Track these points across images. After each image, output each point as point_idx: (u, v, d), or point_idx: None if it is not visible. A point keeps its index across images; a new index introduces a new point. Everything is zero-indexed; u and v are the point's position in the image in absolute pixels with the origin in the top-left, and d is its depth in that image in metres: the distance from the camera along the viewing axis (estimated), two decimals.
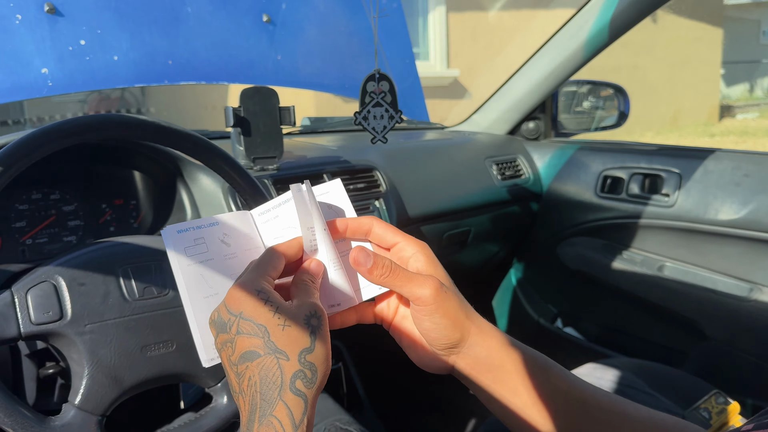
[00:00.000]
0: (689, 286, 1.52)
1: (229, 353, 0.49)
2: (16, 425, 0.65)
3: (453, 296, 0.54)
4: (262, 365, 0.46)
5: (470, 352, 0.54)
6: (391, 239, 0.56)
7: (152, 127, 0.81)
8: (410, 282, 0.53)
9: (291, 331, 0.47)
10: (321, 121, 1.96)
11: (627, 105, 1.87)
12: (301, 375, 0.46)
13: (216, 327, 0.50)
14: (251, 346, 0.47)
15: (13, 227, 1.01)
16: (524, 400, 0.54)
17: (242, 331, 0.48)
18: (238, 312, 0.48)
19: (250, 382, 0.47)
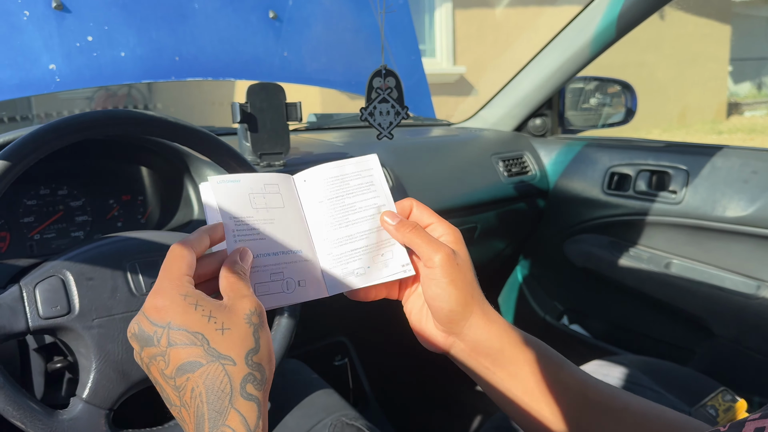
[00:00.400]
0: (696, 283, 1.51)
1: (162, 367, 0.45)
2: (25, 419, 0.66)
3: (464, 271, 0.55)
4: (207, 374, 0.43)
5: (470, 333, 0.55)
6: (426, 219, 0.59)
7: (160, 123, 0.81)
8: (428, 243, 0.55)
9: (232, 334, 0.45)
10: (327, 117, 1.96)
11: (634, 102, 1.87)
12: (250, 378, 0.44)
13: (138, 341, 0.47)
14: (190, 356, 0.44)
15: (21, 222, 1.02)
16: (523, 387, 0.54)
17: (175, 342, 0.44)
18: (165, 323, 0.45)
19: (193, 393, 0.44)
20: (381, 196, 0.61)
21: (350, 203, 0.60)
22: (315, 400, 1.01)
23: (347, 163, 0.62)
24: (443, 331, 0.57)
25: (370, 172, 0.62)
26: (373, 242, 0.59)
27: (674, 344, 1.66)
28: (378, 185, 0.61)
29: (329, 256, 0.59)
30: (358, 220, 0.60)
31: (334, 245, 0.59)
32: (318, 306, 1.31)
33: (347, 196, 0.60)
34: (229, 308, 0.47)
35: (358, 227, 0.60)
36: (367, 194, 0.61)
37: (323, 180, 0.60)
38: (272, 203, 0.57)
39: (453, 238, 0.57)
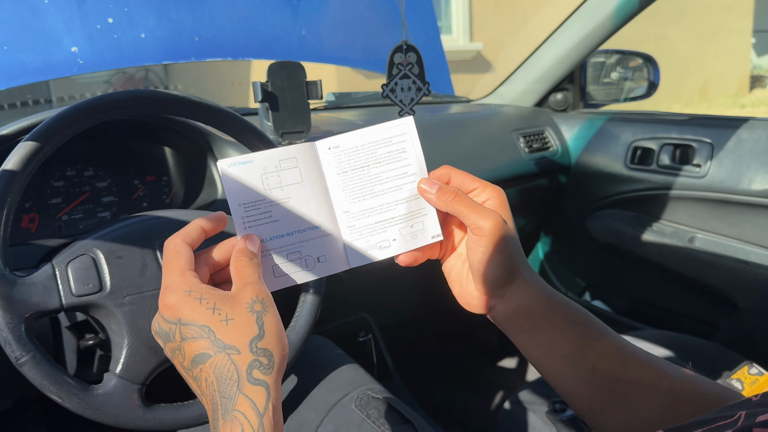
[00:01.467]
0: (721, 257, 1.50)
1: (181, 360, 0.48)
2: (61, 393, 0.67)
3: (511, 237, 0.54)
4: (215, 364, 0.46)
5: (513, 297, 0.55)
6: (469, 185, 0.56)
7: (184, 102, 0.81)
8: (474, 211, 0.53)
9: (235, 324, 0.47)
10: (346, 96, 1.95)
11: (657, 75, 1.84)
12: (256, 364, 0.46)
13: (161, 337, 0.50)
14: (199, 348, 0.47)
15: (50, 204, 1.03)
16: (562, 351, 0.54)
17: (186, 337, 0.47)
18: (176, 319, 0.48)
19: (207, 382, 0.46)
20: (413, 164, 0.58)
21: (377, 173, 0.57)
22: (341, 375, 1.03)
23: (379, 129, 0.58)
24: (485, 294, 0.56)
25: (403, 138, 0.58)
26: (401, 213, 0.58)
27: (698, 319, 1.65)
28: (411, 152, 0.58)
29: (351, 229, 0.57)
30: (386, 190, 0.57)
31: (356, 217, 0.57)
32: (340, 283, 1.33)
33: (374, 165, 0.57)
34: (233, 298, 0.48)
35: (385, 198, 0.58)
36: (397, 163, 0.58)
37: (349, 149, 0.57)
38: (288, 180, 0.55)
39: (499, 202, 0.55)
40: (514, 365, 1.96)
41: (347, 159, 0.57)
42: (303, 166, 0.56)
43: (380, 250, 0.58)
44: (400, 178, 0.58)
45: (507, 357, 1.98)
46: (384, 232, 0.58)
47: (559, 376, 0.55)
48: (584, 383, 0.54)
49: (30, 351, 0.66)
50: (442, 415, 1.73)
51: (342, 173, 0.57)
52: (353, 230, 0.58)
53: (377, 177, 0.57)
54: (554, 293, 0.56)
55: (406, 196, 0.58)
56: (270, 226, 0.54)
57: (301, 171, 0.56)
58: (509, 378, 1.92)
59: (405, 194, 0.58)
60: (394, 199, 0.58)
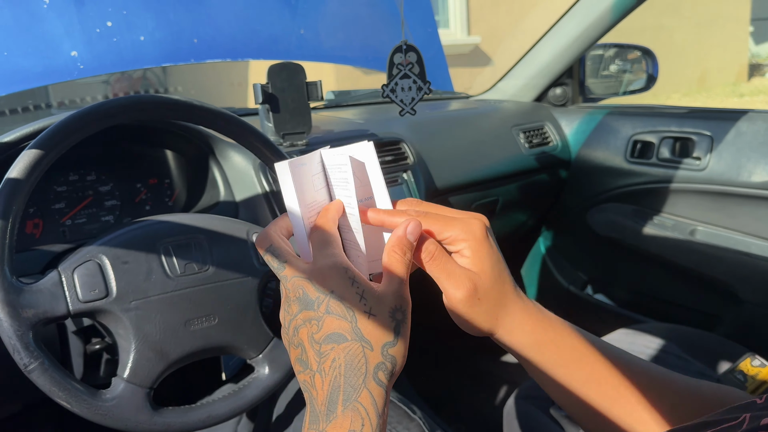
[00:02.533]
0: (722, 249, 1.50)
1: (314, 331, 0.47)
2: (70, 398, 0.68)
3: (484, 303, 0.52)
4: (349, 350, 0.46)
5: (504, 336, 0.54)
6: (443, 233, 0.52)
7: (186, 107, 0.82)
8: (448, 278, 0.51)
9: (376, 321, 0.47)
10: (345, 94, 1.96)
11: (655, 67, 1.84)
12: (383, 367, 0.46)
13: (300, 303, 0.48)
14: (339, 328, 0.46)
15: (53, 209, 1.04)
16: (563, 369, 0.54)
17: (332, 311, 0.47)
18: (329, 290, 0.47)
19: (334, 363, 0.46)
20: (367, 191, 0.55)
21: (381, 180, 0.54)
22: None
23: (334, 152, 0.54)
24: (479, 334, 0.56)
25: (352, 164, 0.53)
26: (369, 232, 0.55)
27: (700, 311, 1.65)
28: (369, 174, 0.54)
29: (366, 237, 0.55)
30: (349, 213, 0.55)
31: None
32: None
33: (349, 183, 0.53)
34: (380, 296, 0.48)
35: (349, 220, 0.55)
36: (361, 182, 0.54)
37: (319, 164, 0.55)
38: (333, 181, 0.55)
39: (475, 244, 0.52)
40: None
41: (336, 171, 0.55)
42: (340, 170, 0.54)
43: None
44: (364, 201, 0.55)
45: None
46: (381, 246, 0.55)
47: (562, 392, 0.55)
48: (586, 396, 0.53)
49: (38, 358, 0.66)
50: (447, 411, 1.74)
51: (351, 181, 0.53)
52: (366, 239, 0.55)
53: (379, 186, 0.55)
54: (547, 316, 0.55)
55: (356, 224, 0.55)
56: None
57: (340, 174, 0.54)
58: (514, 374, 1.92)
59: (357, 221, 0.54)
60: None
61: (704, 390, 0.53)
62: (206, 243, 0.82)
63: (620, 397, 0.53)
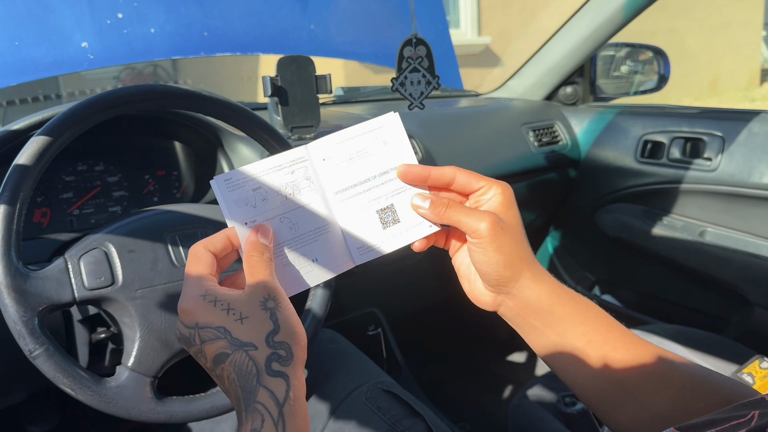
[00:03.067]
0: (731, 251, 1.49)
1: (204, 362, 0.50)
2: (74, 385, 0.68)
3: (509, 235, 0.54)
4: (234, 362, 0.47)
5: (520, 294, 0.55)
6: (474, 184, 0.56)
7: (195, 97, 0.82)
8: (467, 216, 0.54)
9: (250, 322, 0.48)
10: (354, 90, 1.95)
11: (667, 68, 1.83)
12: (275, 357, 0.47)
13: (184, 342, 0.51)
14: (218, 349, 0.48)
15: (61, 198, 1.04)
16: (572, 346, 0.54)
17: (205, 339, 0.49)
18: (193, 324, 0.49)
19: (229, 379, 0.48)
20: (400, 155, 0.58)
21: (365, 167, 0.58)
22: (351, 368, 1.03)
23: (362, 126, 0.58)
24: (492, 291, 0.56)
25: (385, 132, 0.58)
26: (397, 204, 0.58)
27: (708, 313, 1.64)
28: (395, 145, 0.58)
29: (352, 225, 0.58)
30: (378, 185, 0.58)
31: (356, 213, 0.58)
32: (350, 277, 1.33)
33: (363, 159, 0.58)
34: (247, 296, 0.50)
35: (378, 192, 0.58)
36: (385, 155, 0.58)
37: (337, 145, 0.58)
38: (283, 186, 0.56)
39: (503, 198, 0.55)
40: (524, 359, 1.96)
41: (337, 155, 0.58)
42: (296, 170, 0.57)
43: (383, 243, 0.59)
44: (390, 172, 0.58)
45: (516, 351, 1.98)
46: (381, 227, 0.58)
47: (570, 371, 0.55)
48: (594, 377, 0.54)
49: (43, 344, 0.66)
50: (452, 409, 1.74)
51: (334, 171, 0.58)
52: (354, 226, 0.58)
53: (366, 171, 0.58)
54: (563, 288, 0.56)
55: (397, 188, 0.58)
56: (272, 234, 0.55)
57: (295, 175, 0.57)
58: (519, 372, 1.91)
59: (397, 185, 0.58)
60: (385, 193, 0.58)
61: (709, 380, 0.52)
62: (213, 233, 0.81)
63: (631, 370, 0.53)
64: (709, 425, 0.40)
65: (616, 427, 0.54)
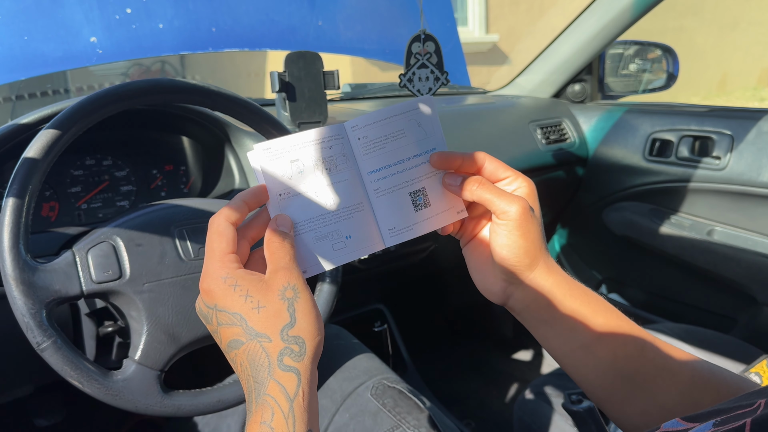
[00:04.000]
0: (740, 250, 1.48)
1: (219, 341, 0.50)
2: (82, 378, 0.68)
3: (536, 224, 0.54)
4: (248, 351, 0.47)
5: (533, 284, 0.55)
6: (501, 173, 0.56)
7: (203, 92, 0.82)
8: (500, 196, 0.53)
9: (266, 312, 0.48)
10: (361, 87, 1.95)
11: (676, 66, 1.82)
12: (287, 351, 0.47)
13: (202, 318, 0.51)
14: (233, 335, 0.48)
15: (69, 192, 1.04)
16: (582, 340, 0.54)
17: (222, 322, 0.48)
18: (213, 305, 0.49)
19: (242, 367, 0.48)
20: (433, 139, 0.58)
21: (401, 148, 0.57)
22: (356, 364, 1.03)
23: (399, 106, 0.58)
24: (504, 281, 0.56)
25: (420, 114, 0.58)
26: (427, 190, 0.58)
27: (716, 312, 1.63)
28: (429, 127, 0.58)
29: (385, 206, 0.57)
30: (410, 167, 0.58)
31: (389, 194, 0.57)
32: (356, 273, 1.33)
33: (397, 140, 0.57)
34: (266, 283, 0.49)
35: (412, 173, 0.58)
36: (419, 138, 0.58)
37: (374, 125, 0.57)
38: (320, 161, 0.55)
39: (528, 191, 0.55)
40: (530, 357, 1.95)
41: (373, 136, 0.57)
42: (333, 146, 0.56)
43: (413, 227, 0.58)
44: (424, 153, 0.58)
45: (522, 349, 1.98)
46: (413, 209, 0.58)
47: (579, 366, 0.55)
48: (604, 372, 0.53)
49: (51, 336, 0.67)
50: (457, 406, 1.73)
51: (370, 150, 0.57)
52: (385, 207, 0.58)
53: (401, 152, 0.57)
54: (574, 282, 0.56)
55: (428, 172, 0.58)
56: (301, 208, 0.55)
57: (332, 151, 0.56)
58: (524, 370, 1.91)
59: (428, 170, 0.58)
60: (417, 176, 0.58)
61: (718, 375, 0.52)
62: None
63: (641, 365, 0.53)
64: (714, 414, 0.39)
65: (625, 423, 0.54)
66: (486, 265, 0.58)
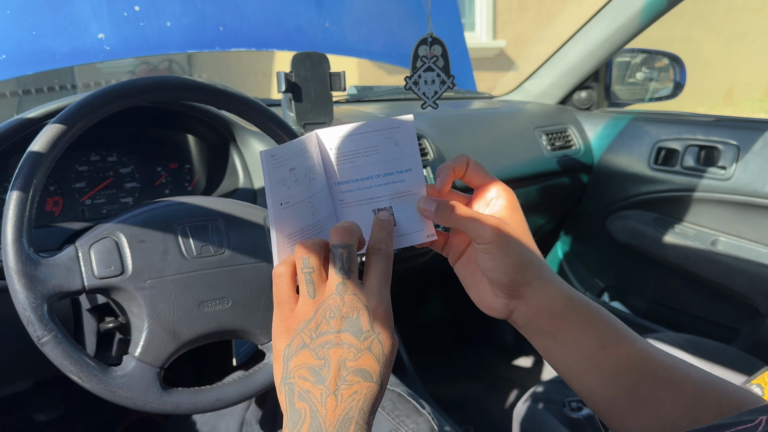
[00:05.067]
0: (744, 261, 1.48)
1: (349, 358, 0.47)
2: (81, 373, 0.68)
3: (516, 238, 0.53)
4: (370, 390, 0.47)
5: (533, 298, 0.54)
6: (481, 180, 0.56)
7: (209, 90, 0.82)
8: (473, 221, 0.53)
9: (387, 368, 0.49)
10: (367, 89, 1.95)
11: (683, 75, 1.82)
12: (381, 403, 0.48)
13: (348, 324, 0.48)
14: (371, 367, 0.47)
15: (74, 188, 1.04)
16: (585, 352, 0.53)
17: (372, 350, 0.47)
18: (377, 331, 0.48)
19: (354, 395, 0.46)
20: (409, 160, 0.57)
21: (371, 165, 0.56)
22: None
23: (377, 122, 0.56)
24: (503, 297, 0.55)
25: (399, 133, 0.57)
26: (396, 207, 0.57)
27: (718, 323, 1.63)
28: (406, 148, 0.57)
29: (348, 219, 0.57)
30: (382, 184, 0.57)
31: (352, 208, 0.57)
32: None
33: (369, 156, 0.56)
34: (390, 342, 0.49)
35: (379, 191, 0.57)
36: (393, 157, 0.57)
37: (346, 137, 0.56)
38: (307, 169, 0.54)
39: (506, 201, 0.55)
40: (530, 364, 1.95)
41: (342, 148, 0.56)
42: (314, 155, 0.56)
43: None
44: (395, 174, 0.57)
45: (523, 355, 1.97)
46: None
47: (582, 378, 0.54)
48: (606, 384, 0.53)
49: (52, 331, 0.67)
50: (456, 411, 1.73)
51: (337, 162, 0.56)
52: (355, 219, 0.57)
53: (371, 169, 0.57)
54: (575, 292, 0.55)
55: (398, 192, 0.57)
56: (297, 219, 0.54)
57: (314, 160, 0.56)
58: (524, 376, 1.91)
59: (398, 189, 0.57)
60: (385, 194, 0.57)
61: (721, 388, 0.51)
62: (223, 226, 0.81)
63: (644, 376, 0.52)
64: (716, 429, 0.39)
65: None
66: (481, 283, 0.57)
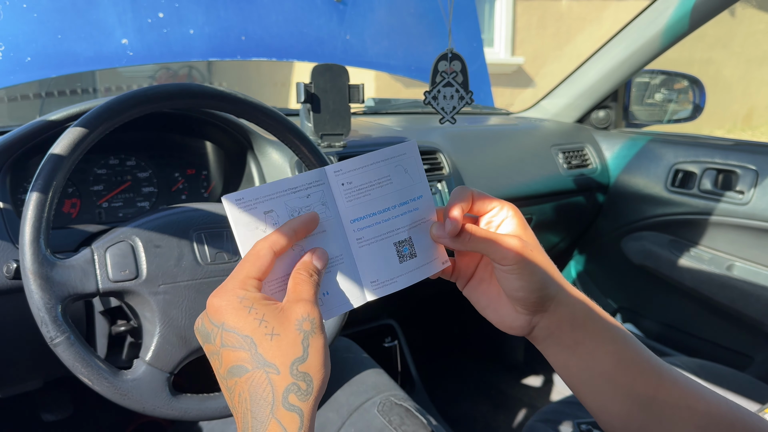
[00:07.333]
0: (760, 287, 1.46)
1: (217, 366, 0.46)
2: (92, 376, 0.68)
3: (538, 255, 0.52)
4: (251, 381, 0.44)
5: (558, 310, 0.53)
6: (487, 206, 0.55)
7: (230, 98, 0.82)
8: (493, 243, 0.52)
9: (280, 341, 0.45)
10: (385, 102, 1.96)
11: (703, 98, 1.81)
12: (294, 388, 0.44)
13: (201, 336, 0.48)
14: (238, 360, 0.45)
15: (91, 190, 1.05)
16: (602, 367, 0.53)
17: (227, 344, 0.45)
18: (220, 323, 0.46)
19: (240, 398, 0.44)
20: (419, 186, 0.56)
21: (387, 195, 0.55)
22: (365, 379, 1.02)
23: (385, 151, 0.55)
24: (528, 314, 0.54)
25: (406, 160, 0.56)
26: (415, 238, 0.56)
27: (731, 349, 1.61)
28: (414, 175, 0.56)
29: (368, 258, 0.55)
30: (399, 214, 0.55)
31: (373, 244, 0.55)
32: None
33: (383, 187, 0.55)
34: (283, 311, 0.47)
35: (398, 222, 0.55)
36: (405, 185, 0.56)
37: (358, 170, 0.54)
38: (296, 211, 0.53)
39: (518, 220, 0.54)
40: (540, 383, 1.93)
41: (354, 182, 0.54)
42: (310, 194, 0.54)
43: (397, 279, 0.56)
44: (409, 203, 0.56)
45: (533, 375, 1.96)
46: (398, 261, 0.56)
47: (598, 394, 0.54)
48: (620, 402, 0.52)
49: (65, 332, 0.67)
50: (464, 429, 1.72)
51: (351, 198, 0.54)
52: (368, 260, 0.55)
53: (387, 200, 0.55)
54: (591, 302, 0.55)
55: (414, 221, 0.56)
56: (279, 266, 0.52)
57: (310, 200, 0.54)
58: (534, 396, 1.89)
59: (414, 218, 0.56)
60: (403, 225, 0.56)
61: (735, 411, 0.51)
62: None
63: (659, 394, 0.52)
64: None
65: None
66: (499, 303, 0.56)
